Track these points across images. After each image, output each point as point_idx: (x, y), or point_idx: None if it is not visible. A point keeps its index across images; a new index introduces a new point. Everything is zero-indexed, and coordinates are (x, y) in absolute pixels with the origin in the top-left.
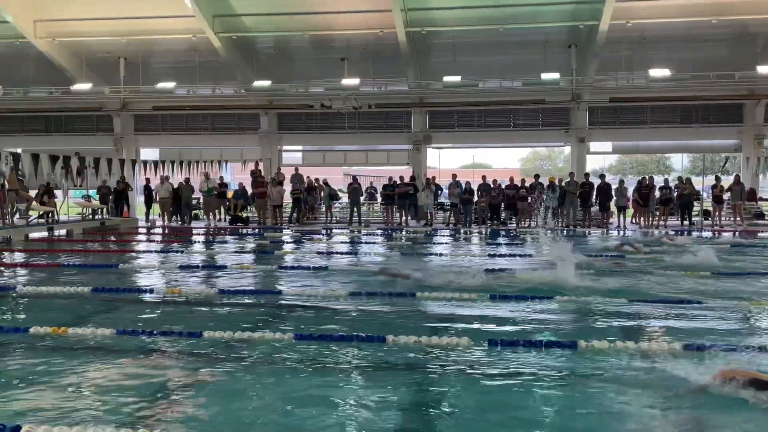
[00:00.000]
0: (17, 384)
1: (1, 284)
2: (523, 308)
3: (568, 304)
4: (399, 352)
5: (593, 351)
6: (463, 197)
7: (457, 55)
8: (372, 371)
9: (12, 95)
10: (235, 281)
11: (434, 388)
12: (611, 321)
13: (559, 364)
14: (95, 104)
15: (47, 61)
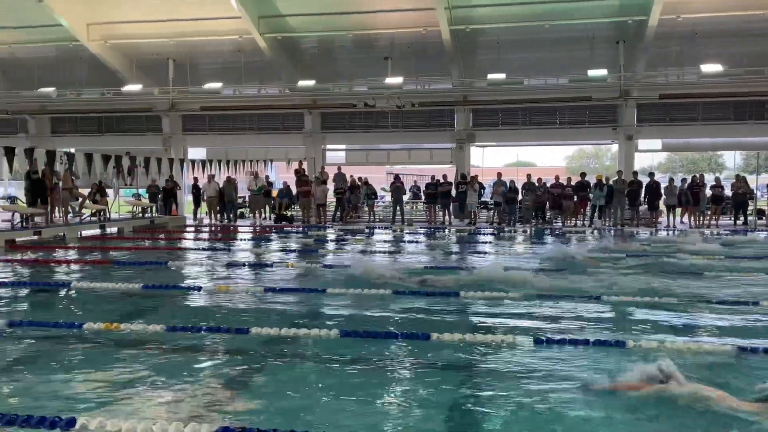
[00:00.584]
0: (72, 378)
1: (57, 281)
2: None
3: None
4: (444, 349)
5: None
6: (508, 196)
7: (501, 52)
8: (416, 369)
9: (66, 97)
10: (281, 278)
11: (479, 386)
12: (656, 319)
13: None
14: (145, 105)
15: (99, 63)
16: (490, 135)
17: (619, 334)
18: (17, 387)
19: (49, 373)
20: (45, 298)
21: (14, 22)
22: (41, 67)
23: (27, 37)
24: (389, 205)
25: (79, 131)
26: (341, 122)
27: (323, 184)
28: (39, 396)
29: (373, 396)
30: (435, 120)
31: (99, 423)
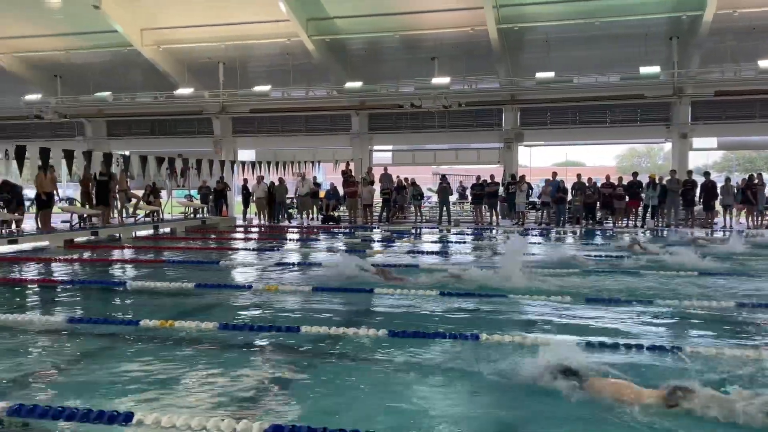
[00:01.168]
0: (129, 373)
1: (113, 279)
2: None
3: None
4: (491, 349)
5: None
6: (557, 196)
7: (550, 50)
8: (465, 368)
9: (121, 101)
10: (328, 278)
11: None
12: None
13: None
14: (196, 108)
15: (153, 67)
16: (539, 134)
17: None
18: (77, 382)
19: (107, 369)
20: (102, 296)
21: (72, 28)
22: (97, 72)
23: (84, 43)
24: (436, 205)
25: (133, 134)
26: (388, 123)
27: (370, 185)
28: (97, 391)
29: (420, 396)
30: (482, 120)
31: (155, 418)
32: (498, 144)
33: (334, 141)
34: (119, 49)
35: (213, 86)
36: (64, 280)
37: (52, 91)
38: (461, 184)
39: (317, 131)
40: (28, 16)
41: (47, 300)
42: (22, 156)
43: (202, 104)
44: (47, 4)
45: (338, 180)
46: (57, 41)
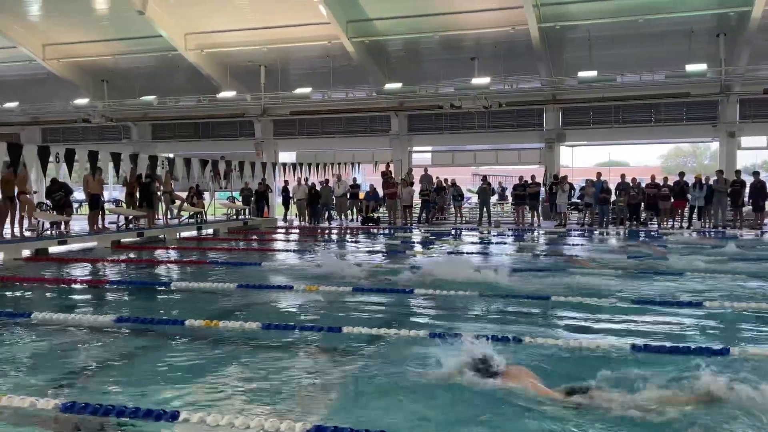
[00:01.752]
0: (175, 372)
1: (158, 280)
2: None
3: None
4: (535, 350)
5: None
6: (600, 196)
7: (592, 49)
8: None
9: (166, 104)
10: (368, 279)
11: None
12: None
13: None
14: (238, 111)
15: (196, 71)
16: (581, 134)
17: None
18: (125, 380)
19: (155, 368)
20: (148, 296)
21: (118, 34)
22: (143, 76)
23: (130, 48)
24: (476, 206)
25: (177, 137)
26: (428, 124)
27: (409, 186)
28: (145, 389)
29: (461, 401)
30: (523, 120)
31: (200, 417)
32: (539, 144)
33: (373, 142)
34: (164, 53)
35: (255, 89)
36: (111, 280)
37: (99, 95)
38: (500, 184)
39: (357, 133)
40: (78, 23)
41: (96, 299)
42: (71, 159)
43: (244, 107)
44: (95, 11)
45: (378, 181)
46: (104, 47)
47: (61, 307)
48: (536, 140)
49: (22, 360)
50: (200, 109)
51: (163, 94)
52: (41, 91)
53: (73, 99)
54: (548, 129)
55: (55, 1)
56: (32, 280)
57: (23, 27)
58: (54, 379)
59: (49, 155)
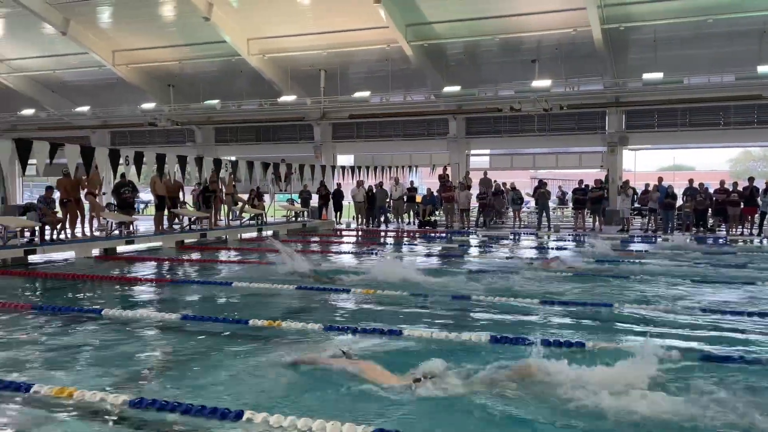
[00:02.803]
0: (240, 372)
1: (222, 279)
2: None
3: None
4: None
5: None
6: (665, 201)
7: (658, 50)
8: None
9: (228, 108)
10: (426, 282)
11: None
12: None
13: None
14: (298, 114)
15: (258, 75)
16: (645, 137)
17: None
18: (190, 378)
19: (220, 366)
20: (211, 295)
21: (184, 40)
22: (207, 81)
23: (195, 53)
24: (534, 211)
25: (239, 140)
26: (486, 127)
27: (467, 190)
28: (209, 387)
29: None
30: (584, 123)
31: (263, 417)
32: (601, 147)
33: (431, 145)
34: (227, 58)
35: (314, 93)
36: (176, 280)
37: (165, 99)
38: (560, 188)
39: (414, 136)
40: (146, 30)
41: (162, 297)
42: (140, 161)
43: (303, 111)
44: (163, 17)
45: (435, 184)
46: (171, 52)
47: (129, 304)
48: (598, 143)
49: (92, 355)
50: (262, 113)
51: (226, 99)
52: (111, 96)
53: (141, 103)
54: (611, 132)
55: (125, 9)
56: (102, 278)
57: (94, 34)
58: (122, 374)
59: (119, 158)
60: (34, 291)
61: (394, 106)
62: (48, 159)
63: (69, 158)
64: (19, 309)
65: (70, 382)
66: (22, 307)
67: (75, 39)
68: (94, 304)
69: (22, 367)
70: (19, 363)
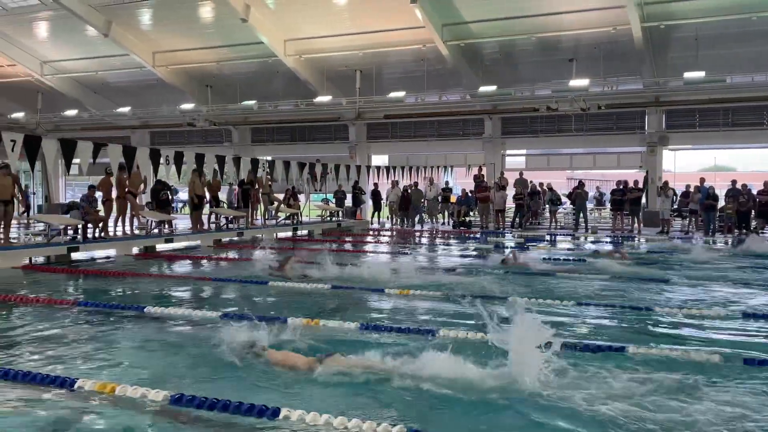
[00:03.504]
0: (278, 369)
1: (259, 279)
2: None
3: None
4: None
5: None
6: (706, 203)
7: (700, 48)
8: (615, 381)
9: (265, 109)
10: (461, 283)
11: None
12: None
13: None
14: (334, 114)
15: (294, 76)
16: (686, 137)
17: None
18: (229, 376)
19: (257, 364)
20: (248, 293)
21: (222, 41)
22: (244, 81)
23: (232, 54)
24: (571, 212)
25: (275, 140)
26: (522, 127)
27: (502, 190)
28: (247, 385)
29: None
30: (623, 123)
31: (299, 415)
32: (640, 148)
33: (466, 145)
34: (264, 59)
35: (350, 93)
36: (214, 277)
37: (203, 100)
38: (598, 189)
39: (449, 136)
40: (185, 31)
41: (201, 295)
42: (180, 161)
43: (339, 111)
44: (201, 19)
45: (470, 185)
46: (209, 53)
47: (170, 301)
48: (637, 144)
49: (134, 351)
50: (297, 113)
51: (263, 99)
52: (151, 96)
53: (180, 104)
54: (650, 132)
55: (165, 11)
56: (143, 275)
57: (135, 36)
58: (163, 370)
59: (160, 157)
60: (77, 287)
61: (429, 106)
62: (92, 158)
63: (111, 158)
64: (64, 305)
65: (112, 377)
66: (66, 302)
67: (116, 41)
68: (137, 301)
69: (66, 362)
70: (63, 358)
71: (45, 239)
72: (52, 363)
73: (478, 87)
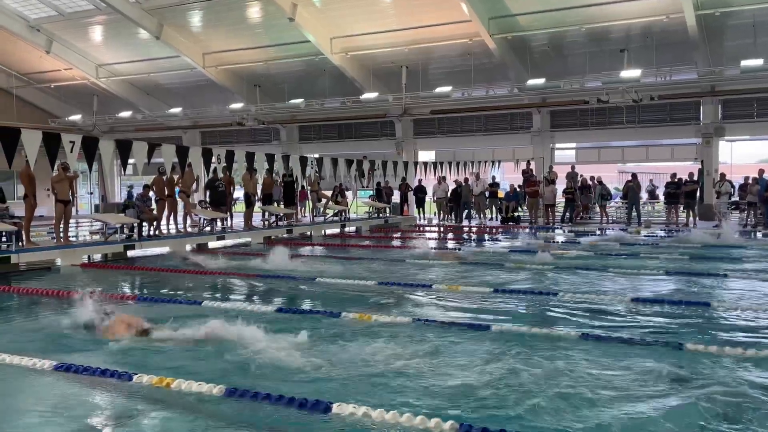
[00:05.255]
0: (331, 363)
1: (308, 274)
2: None
3: None
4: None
5: None
6: (765, 195)
7: (757, 36)
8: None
9: (312, 107)
10: (510, 280)
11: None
12: None
13: None
14: (380, 111)
15: (340, 74)
16: (743, 128)
17: None
18: (283, 369)
19: (311, 357)
20: (298, 289)
21: (270, 41)
22: (291, 80)
23: (280, 54)
24: (622, 205)
25: (322, 138)
26: (571, 120)
27: (551, 184)
28: (301, 378)
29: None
30: (676, 114)
31: (351, 410)
32: (695, 139)
33: (513, 140)
34: (311, 58)
35: (396, 89)
36: (266, 275)
37: (252, 99)
38: (651, 182)
39: (497, 130)
40: (233, 32)
41: (253, 290)
42: (231, 159)
43: (385, 107)
44: (249, 20)
45: (518, 179)
46: (257, 53)
47: (225, 296)
48: (691, 135)
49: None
50: (344, 111)
51: (310, 97)
52: (201, 97)
53: (229, 103)
54: (705, 123)
55: (214, 13)
56: (197, 272)
57: (186, 38)
58: (219, 365)
59: (212, 156)
60: (133, 283)
61: (476, 100)
62: (146, 158)
63: (165, 157)
64: (123, 300)
65: (168, 372)
66: (125, 298)
67: (168, 43)
68: (192, 296)
69: (125, 357)
70: (121, 353)
71: (102, 237)
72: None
73: (526, 80)
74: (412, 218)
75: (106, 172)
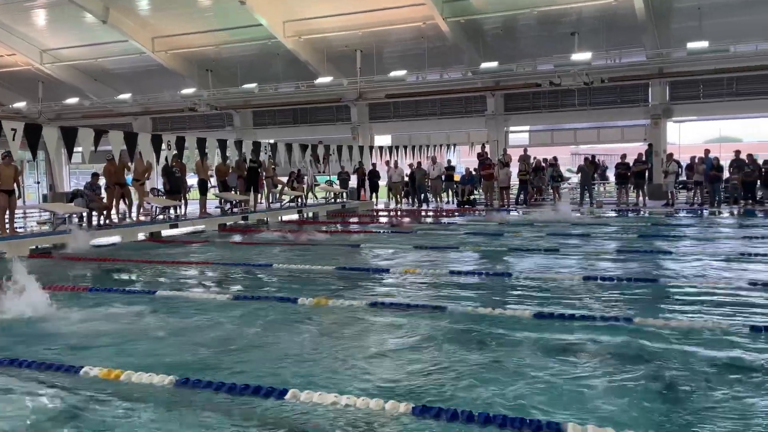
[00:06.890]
0: (287, 350)
1: (263, 261)
2: None
3: None
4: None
5: None
6: (710, 174)
7: (702, 18)
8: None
9: (266, 92)
10: (465, 261)
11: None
12: None
13: None
14: (335, 96)
15: (294, 58)
16: (690, 109)
17: None
18: (239, 356)
19: (270, 343)
20: (254, 276)
21: (221, 24)
22: (244, 65)
23: (231, 37)
24: (575, 187)
25: (277, 123)
26: (525, 103)
27: (506, 167)
28: (259, 367)
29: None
30: (626, 96)
31: (306, 396)
32: (644, 121)
33: (468, 123)
34: (263, 41)
35: (350, 74)
36: (220, 262)
37: (204, 84)
38: (603, 163)
39: (452, 114)
40: (183, 15)
41: (210, 278)
42: (182, 146)
43: (340, 92)
44: (199, 2)
45: (473, 163)
46: (208, 37)
47: (179, 285)
48: (641, 116)
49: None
50: (298, 96)
51: (263, 82)
52: (151, 82)
53: (180, 89)
54: (654, 104)
55: None
56: (150, 262)
57: (134, 21)
58: (174, 354)
59: (161, 143)
60: (84, 274)
61: (430, 84)
62: (93, 146)
63: (113, 144)
64: (75, 291)
65: (118, 364)
66: (75, 289)
67: (115, 27)
68: (146, 286)
69: (75, 350)
70: (72, 345)
71: (51, 227)
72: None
73: (480, 64)
74: (370, 203)
75: (53, 161)
